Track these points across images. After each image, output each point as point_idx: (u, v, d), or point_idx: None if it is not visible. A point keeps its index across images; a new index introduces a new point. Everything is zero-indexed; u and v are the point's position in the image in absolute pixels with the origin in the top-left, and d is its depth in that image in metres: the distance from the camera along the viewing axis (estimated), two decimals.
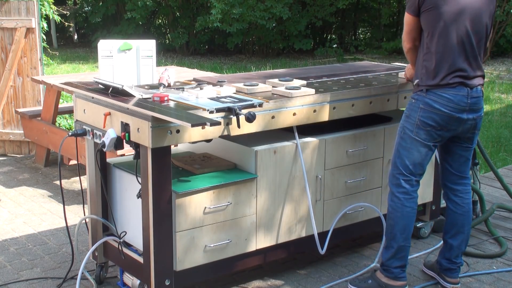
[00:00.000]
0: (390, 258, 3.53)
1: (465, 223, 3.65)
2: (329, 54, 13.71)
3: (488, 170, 5.70)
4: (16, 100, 6.22)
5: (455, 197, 3.65)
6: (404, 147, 3.48)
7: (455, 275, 3.66)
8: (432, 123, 3.40)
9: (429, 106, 3.39)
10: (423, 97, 3.42)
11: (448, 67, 3.37)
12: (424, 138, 3.43)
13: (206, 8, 13.75)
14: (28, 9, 6.05)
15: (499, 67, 12.44)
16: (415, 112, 3.44)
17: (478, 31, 3.39)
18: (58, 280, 3.74)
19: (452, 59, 3.36)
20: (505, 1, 12.45)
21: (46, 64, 7.10)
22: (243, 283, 3.72)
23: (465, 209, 3.64)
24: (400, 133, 3.52)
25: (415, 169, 3.48)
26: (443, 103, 3.37)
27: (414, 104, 3.46)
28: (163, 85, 3.56)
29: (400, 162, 3.49)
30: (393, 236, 3.51)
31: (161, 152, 3.06)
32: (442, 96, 3.37)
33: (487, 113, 8.29)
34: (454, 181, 3.65)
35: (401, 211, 3.48)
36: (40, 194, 5.26)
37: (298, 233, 3.65)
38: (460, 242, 3.64)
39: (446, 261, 3.67)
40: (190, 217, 3.22)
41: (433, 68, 3.39)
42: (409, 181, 3.49)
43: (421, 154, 3.46)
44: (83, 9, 15.67)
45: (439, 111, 3.38)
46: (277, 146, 3.49)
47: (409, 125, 3.47)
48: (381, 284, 3.55)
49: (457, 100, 3.37)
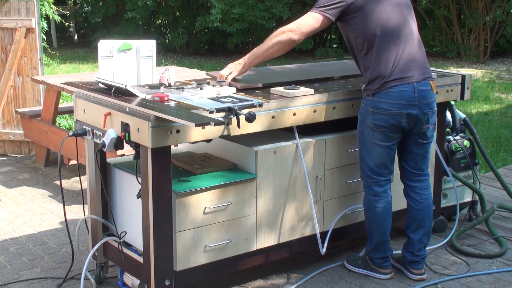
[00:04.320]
0: (371, 251, 3.76)
1: (425, 218, 3.74)
2: (329, 54, 13.71)
3: (488, 170, 5.70)
4: (16, 100, 6.22)
5: (414, 194, 3.74)
6: (365, 151, 3.60)
7: (420, 266, 3.77)
8: (384, 123, 3.48)
9: (377, 108, 3.48)
10: (370, 100, 3.51)
11: (390, 68, 3.46)
12: (381, 139, 3.52)
13: (206, 8, 13.74)
14: (28, 9, 6.05)
15: (499, 67, 12.44)
16: (366, 116, 3.53)
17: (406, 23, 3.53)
18: (58, 280, 3.74)
19: (393, 59, 3.46)
20: (505, 1, 12.44)
21: (46, 64, 7.09)
22: (243, 283, 3.72)
23: (424, 205, 3.73)
24: (359, 139, 3.62)
25: (380, 170, 3.59)
26: (390, 102, 3.45)
27: (364, 108, 3.55)
28: (163, 85, 3.56)
29: (365, 166, 3.62)
30: (370, 233, 3.73)
31: (161, 152, 3.06)
32: (388, 94, 3.46)
33: (487, 113, 8.29)
34: (411, 178, 3.73)
35: (373, 211, 3.66)
36: (40, 194, 5.26)
37: (299, 233, 3.65)
38: (421, 236, 3.74)
39: (409, 254, 3.77)
40: (190, 217, 3.22)
41: (376, 72, 3.47)
42: (377, 183, 3.62)
43: (382, 155, 3.56)
44: (83, 9, 15.66)
45: (386, 110, 3.46)
46: (277, 146, 3.49)
47: (364, 129, 3.56)
48: (368, 267, 3.78)
49: (405, 96, 3.45)
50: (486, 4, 12.63)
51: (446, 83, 4.14)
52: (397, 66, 3.48)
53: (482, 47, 12.87)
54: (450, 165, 4.39)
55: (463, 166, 4.49)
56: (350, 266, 3.86)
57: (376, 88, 3.48)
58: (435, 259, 4.02)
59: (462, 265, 3.97)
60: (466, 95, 4.25)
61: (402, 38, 3.51)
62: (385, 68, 3.47)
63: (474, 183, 4.55)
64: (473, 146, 4.56)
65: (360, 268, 3.81)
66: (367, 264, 3.80)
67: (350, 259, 3.89)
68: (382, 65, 3.48)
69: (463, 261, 4.02)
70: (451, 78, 4.18)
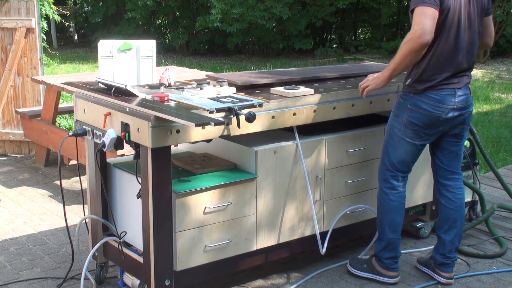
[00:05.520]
0: (381, 250, 3.68)
1: (458, 218, 3.70)
2: (329, 54, 13.71)
3: (488, 170, 5.70)
4: (16, 100, 6.22)
5: (447, 192, 3.71)
6: (392, 145, 3.58)
7: (450, 269, 3.72)
8: (419, 123, 3.47)
9: (417, 106, 3.46)
10: (412, 97, 3.48)
11: (441, 69, 3.41)
12: (411, 137, 3.51)
13: (206, 8, 13.75)
14: (28, 9, 6.05)
15: (499, 67, 12.44)
16: (403, 111, 3.51)
17: (470, 29, 3.44)
18: (58, 280, 3.74)
19: (444, 62, 3.41)
20: (505, 1, 12.45)
21: (46, 64, 7.10)
22: (243, 283, 3.72)
23: (457, 204, 3.70)
24: (389, 131, 3.61)
25: (400, 166, 3.59)
26: (431, 104, 3.43)
27: (402, 103, 3.52)
28: (163, 85, 3.56)
29: (387, 159, 3.61)
30: (382, 230, 3.66)
31: (161, 152, 3.06)
32: (430, 97, 3.43)
33: (487, 113, 8.29)
34: (445, 177, 3.71)
35: (388, 205, 3.62)
36: (40, 194, 5.26)
37: (299, 233, 3.65)
38: (453, 237, 3.70)
39: (440, 256, 3.72)
40: (190, 217, 3.22)
41: (425, 70, 3.43)
42: (395, 177, 3.61)
43: (407, 152, 3.55)
44: (83, 9, 15.68)
45: (426, 111, 3.44)
46: (277, 146, 3.49)
47: (397, 124, 3.54)
48: (374, 270, 3.71)
49: (445, 101, 3.43)
50: None
51: None
52: (447, 68, 3.41)
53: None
54: None
55: (463, 166, 4.48)
56: (355, 270, 3.79)
57: (422, 89, 3.43)
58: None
59: (462, 265, 3.97)
60: None
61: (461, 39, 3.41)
62: (438, 69, 3.41)
63: (474, 183, 4.55)
64: (473, 146, 4.57)
65: (366, 272, 3.74)
66: (373, 268, 3.72)
67: (354, 263, 3.82)
68: (437, 67, 3.41)
69: (463, 261, 4.02)
70: None
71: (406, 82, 3.53)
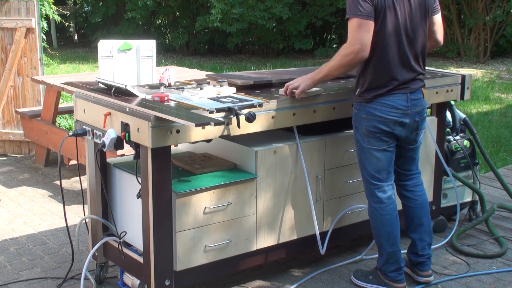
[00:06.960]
0: (384, 264, 3.60)
1: (422, 215, 3.69)
2: (329, 54, 13.70)
3: (488, 170, 5.70)
4: (16, 100, 6.22)
5: (407, 192, 3.70)
6: (364, 158, 3.53)
7: (426, 267, 3.71)
8: (377, 130, 3.43)
9: (371, 114, 3.43)
10: (364, 106, 3.45)
11: (387, 77, 3.39)
12: (377, 144, 3.47)
13: (206, 8, 13.75)
14: (28, 9, 6.05)
15: (499, 67, 12.43)
16: (360, 123, 3.48)
17: (413, 32, 3.41)
18: (58, 280, 3.74)
19: (391, 68, 3.38)
20: (505, 1, 12.44)
21: (46, 64, 7.10)
22: (243, 283, 3.72)
23: (418, 202, 3.69)
24: (357, 145, 3.56)
25: (381, 176, 3.51)
26: (384, 110, 3.41)
27: (357, 114, 3.49)
28: (163, 85, 3.56)
29: (366, 173, 3.54)
30: (380, 244, 3.59)
31: (161, 152, 3.06)
32: (382, 103, 3.41)
33: (487, 113, 8.29)
34: (402, 178, 3.70)
35: (380, 220, 3.55)
36: (40, 194, 5.26)
37: (299, 233, 3.65)
38: (422, 234, 3.69)
39: (413, 255, 3.72)
40: (190, 217, 3.22)
41: (371, 80, 3.40)
42: (380, 189, 3.52)
43: (381, 160, 3.49)
44: (83, 9, 15.67)
45: (381, 118, 3.42)
46: (277, 146, 3.49)
47: (359, 136, 3.51)
48: (381, 282, 3.62)
49: (397, 105, 3.41)
50: (486, 4, 12.63)
51: (446, 83, 4.14)
52: (394, 75, 3.40)
53: (482, 47, 12.88)
54: (450, 165, 4.39)
55: (463, 166, 4.49)
56: (360, 282, 3.67)
57: (371, 98, 3.41)
58: (435, 259, 4.02)
59: (462, 265, 3.98)
60: (466, 95, 4.25)
61: (403, 43, 3.40)
62: (384, 77, 3.39)
63: (474, 183, 4.55)
64: (473, 146, 4.57)
65: (372, 284, 3.63)
66: (380, 279, 3.62)
67: (359, 275, 3.71)
68: (381, 74, 3.40)
69: (463, 261, 4.02)
70: (451, 78, 4.18)
71: (356, 93, 3.50)
